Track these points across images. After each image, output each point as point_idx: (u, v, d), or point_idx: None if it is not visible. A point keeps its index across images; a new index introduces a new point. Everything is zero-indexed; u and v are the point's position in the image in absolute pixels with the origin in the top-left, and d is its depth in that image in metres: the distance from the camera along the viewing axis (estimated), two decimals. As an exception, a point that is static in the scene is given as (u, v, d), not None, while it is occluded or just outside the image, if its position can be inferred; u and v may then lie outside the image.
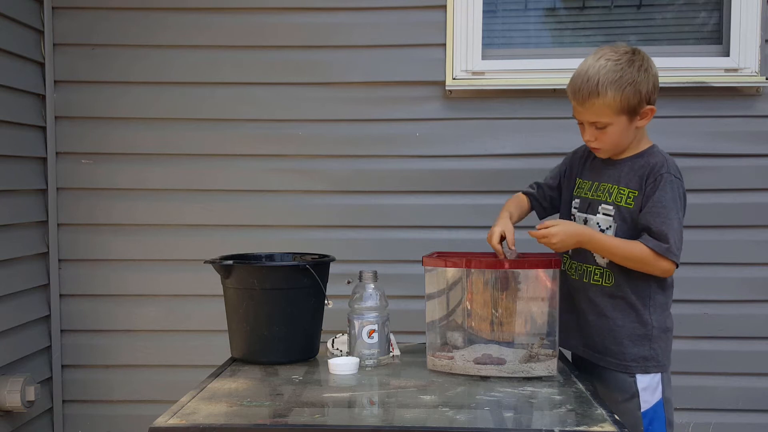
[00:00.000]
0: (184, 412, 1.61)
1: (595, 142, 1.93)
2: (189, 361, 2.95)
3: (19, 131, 2.77)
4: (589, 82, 1.84)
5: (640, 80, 1.85)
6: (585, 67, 1.87)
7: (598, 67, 1.84)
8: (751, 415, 2.87)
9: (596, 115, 1.87)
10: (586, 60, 1.90)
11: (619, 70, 1.84)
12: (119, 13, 2.93)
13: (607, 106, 1.85)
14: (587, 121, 1.91)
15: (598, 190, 1.99)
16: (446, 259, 1.97)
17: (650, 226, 1.86)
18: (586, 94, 1.85)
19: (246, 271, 2.05)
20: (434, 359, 1.97)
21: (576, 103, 1.90)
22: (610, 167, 1.98)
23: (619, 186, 1.94)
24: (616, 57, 1.85)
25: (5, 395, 2.60)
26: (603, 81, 1.83)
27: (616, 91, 1.83)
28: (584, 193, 2.03)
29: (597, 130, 1.90)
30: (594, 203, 1.98)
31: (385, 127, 2.92)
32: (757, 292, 2.86)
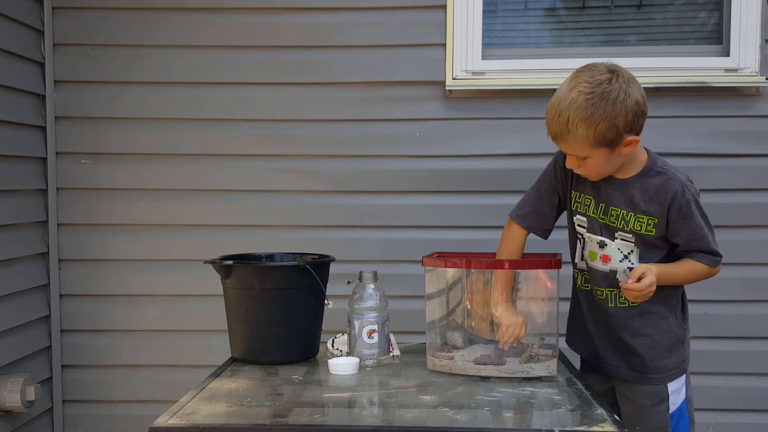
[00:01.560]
0: (184, 412, 1.61)
1: (579, 170, 1.86)
2: (189, 361, 2.95)
3: (19, 131, 2.77)
4: (560, 118, 1.74)
5: (615, 114, 1.72)
6: (557, 100, 1.76)
7: (569, 101, 1.73)
8: (751, 415, 2.87)
9: (572, 149, 1.80)
10: (561, 87, 1.79)
11: (590, 106, 1.72)
12: (119, 13, 2.93)
13: (582, 142, 1.76)
14: (567, 152, 1.84)
15: (610, 215, 1.90)
16: (446, 259, 1.97)
17: (699, 249, 1.88)
18: (558, 131, 1.76)
19: (246, 271, 2.05)
20: (434, 359, 1.97)
21: (553, 139, 1.81)
22: (611, 187, 1.89)
23: (635, 213, 1.86)
24: (589, 89, 1.72)
25: (5, 395, 2.60)
26: (573, 119, 1.72)
27: (588, 128, 1.73)
28: (591, 213, 1.93)
29: (578, 160, 1.83)
30: (609, 228, 1.90)
31: (385, 127, 2.92)
32: (757, 292, 2.86)
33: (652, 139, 2.87)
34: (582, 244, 1.98)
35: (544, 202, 2.01)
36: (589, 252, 1.94)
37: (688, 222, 1.85)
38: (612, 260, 1.91)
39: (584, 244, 1.96)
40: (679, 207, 1.84)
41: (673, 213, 1.84)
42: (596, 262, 1.92)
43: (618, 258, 1.90)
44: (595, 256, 1.93)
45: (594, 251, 1.93)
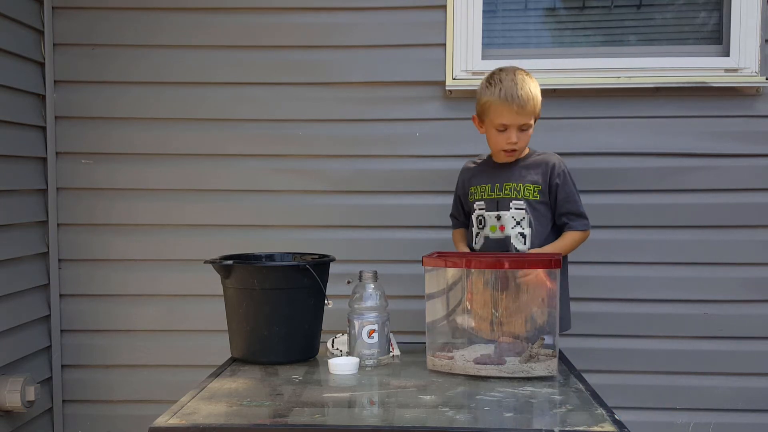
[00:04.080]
0: (184, 412, 1.61)
1: (518, 144, 2.33)
2: (189, 361, 2.95)
3: (19, 131, 2.77)
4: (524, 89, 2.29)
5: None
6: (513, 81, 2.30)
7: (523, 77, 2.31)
8: (751, 415, 2.87)
9: (527, 117, 2.31)
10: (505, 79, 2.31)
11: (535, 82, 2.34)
12: (119, 13, 2.93)
13: (533, 111, 2.31)
14: (517, 124, 2.30)
15: (502, 189, 2.38)
16: (446, 259, 1.97)
17: (571, 211, 2.38)
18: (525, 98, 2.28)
19: (246, 271, 2.05)
20: (434, 359, 1.97)
21: (518, 107, 2.28)
22: (504, 170, 2.40)
23: (524, 183, 2.37)
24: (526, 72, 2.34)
25: (5, 395, 2.60)
26: (532, 87, 2.31)
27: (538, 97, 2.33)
28: (487, 195, 2.41)
29: (521, 132, 2.32)
30: (503, 201, 2.38)
31: (385, 127, 2.92)
32: (757, 292, 2.86)
33: (652, 139, 2.88)
34: (482, 225, 2.41)
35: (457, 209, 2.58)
36: (490, 227, 2.40)
37: (564, 188, 2.37)
38: (506, 228, 2.37)
39: (484, 224, 2.41)
40: (557, 175, 2.37)
41: (554, 180, 2.36)
42: (496, 233, 2.39)
43: (511, 225, 2.36)
44: (495, 228, 2.40)
45: (493, 225, 2.40)
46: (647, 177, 2.87)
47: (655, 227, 2.88)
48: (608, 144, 2.88)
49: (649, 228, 2.88)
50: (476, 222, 2.43)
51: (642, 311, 2.87)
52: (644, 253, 2.87)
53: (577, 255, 2.78)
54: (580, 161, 2.87)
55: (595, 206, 2.87)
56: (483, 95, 2.33)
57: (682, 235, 2.87)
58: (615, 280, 2.88)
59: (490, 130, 2.35)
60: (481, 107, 2.34)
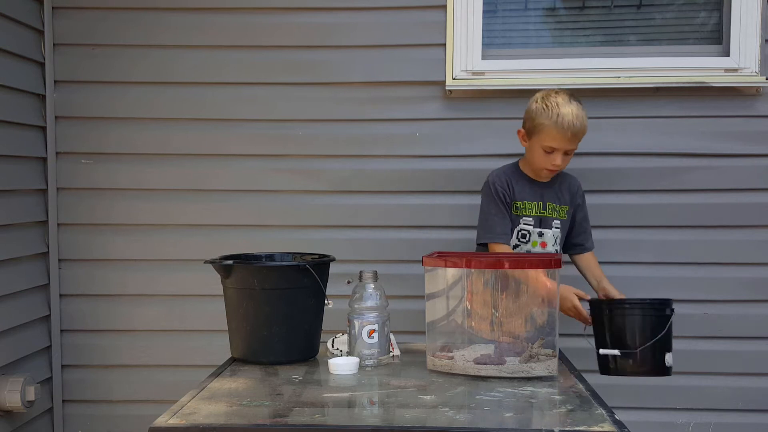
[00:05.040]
0: (184, 412, 1.61)
1: (562, 165, 2.44)
2: (189, 361, 2.95)
3: (19, 131, 2.77)
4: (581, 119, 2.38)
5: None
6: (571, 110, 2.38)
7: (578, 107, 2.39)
8: (751, 415, 2.87)
9: (576, 144, 2.42)
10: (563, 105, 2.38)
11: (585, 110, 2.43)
12: (119, 13, 2.93)
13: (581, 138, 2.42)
14: (567, 149, 2.40)
15: (546, 209, 2.52)
16: (446, 259, 1.97)
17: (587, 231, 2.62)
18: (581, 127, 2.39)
19: (246, 271, 2.05)
20: (434, 359, 1.97)
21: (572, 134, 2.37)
22: (546, 189, 2.52)
23: (560, 205, 2.54)
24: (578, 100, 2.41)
25: (5, 395, 2.60)
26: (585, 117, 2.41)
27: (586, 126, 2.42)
28: (535, 212, 2.51)
29: (565, 156, 2.42)
30: (545, 220, 2.52)
31: (385, 127, 2.92)
32: (757, 292, 2.86)
33: (652, 139, 2.88)
34: (526, 239, 2.52)
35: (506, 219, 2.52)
36: (532, 242, 2.53)
37: (584, 208, 2.60)
38: (547, 245, 2.53)
39: (528, 239, 2.52)
40: (580, 196, 2.59)
41: (577, 200, 2.57)
42: (537, 248, 2.53)
43: (551, 243, 2.53)
44: (536, 243, 2.53)
45: (535, 241, 2.53)
46: (647, 177, 2.87)
47: (655, 227, 2.88)
48: (608, 144, 2.88)
49: (649, 228, 2.88)
50: (518, 236, 2.51)
51: (642, 311, 2.87)
52: (644, 253, 2.87)
53: (577, 255, 2.78)
54: (580, 161, 2.87)
55: (595, 206, 2.87)
56: (538, 117, 2.39)
57: (682, 235, 2.87)
58: (615, 280, 2.87)
59: (536, 149, 2.43)
60: (534, 127, 2.41)
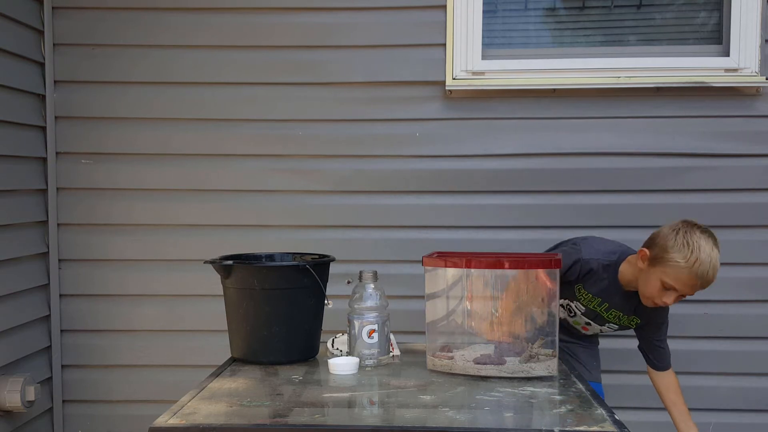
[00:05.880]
0: (184, 412, 1.61)
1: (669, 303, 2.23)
2: (189, 361, 2.95)
3: (19, 131, 2.77)
4: (714, 269, 2.15)
5: None
6: (709, 259, 2.14)
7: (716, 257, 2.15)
8: (751, 415, 2.87)
9: (695, 291, 2.19)
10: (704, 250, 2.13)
11: None
12: (119, 13, 2.93)
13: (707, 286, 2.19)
14: (685, 294, 2.19)
15: (609, 312, 2.35)
16: (446, 259, 1.97)
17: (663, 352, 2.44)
18: (711, 278, 2.16)
19: (246, 271, 2.05)
20: (434, 359, 1.97)
21: (701, 287, 2.17)
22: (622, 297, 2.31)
23: (629, 316, 2.36)
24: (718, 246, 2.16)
25: (5, 395, 2.60)
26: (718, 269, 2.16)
27: None
28: (591, 306, 2.35)
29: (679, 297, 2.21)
30: (601, 318, 2.38)
31: (385, 127, 2.92)
32: (757, 292, 2.86)
33: (652, 139, 2.88)
34: (572, 315, 2.42)
35: None
36: (574, 321, 2.44)
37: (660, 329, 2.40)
38: (589, 331, 2.46)
39: (574, 315, 2.42)
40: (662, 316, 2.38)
41: (659, 319, 2.38)
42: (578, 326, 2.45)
43: (596, 331, 2.45)
44: (579, 324, 2.44)
45: (579, 322, 2.43)
46: (647, 177, 2.87)
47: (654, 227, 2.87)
48: (608, 144, 2.88)
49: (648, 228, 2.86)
50: (566, 308, 2.41)
51: (642, 311, 2.87)
52: (644, 253, 2.87)
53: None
54: (580, 161, 2.87)
55: (595, 206, 2.87)
56: (673, 251, 2.13)
57: (682, 235, 2.87)
58: (615, 280, 2.88)
59: (654, 280, 2.18)
60: (664, 258, 2.15)
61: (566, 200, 2.90)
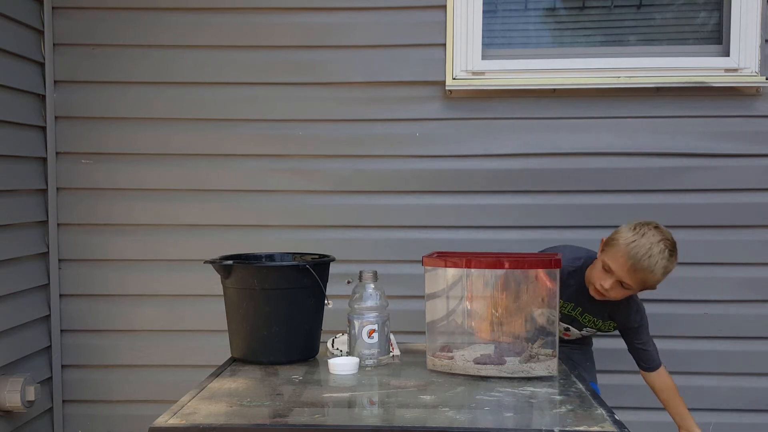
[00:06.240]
0: (184, 412, 1.61)
1: (610, 293, 2.24)
2: (189, 361, 2.95)
3: (19, 131, 2.77)
4: (651, 259, 2.16)
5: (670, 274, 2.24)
6: (649, 245, 2.17)
7: (658, 250, 2.17)
8: (751, 415, 2.87)
9: (633, 281, 2.19)
10: (647, 237, 2.18)
11: (670, 264, 2.20)
12: (119, 13, 2.93)
13: (645, 281, 2.20)
14: (623, 281, 2.20)
15: (584, 317, 2.38)
16: (446, 259, 1.97)
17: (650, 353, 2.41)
18: (647, 270, 2.16)
19: (246, 271, 2.05)
20: (434, 359, 1.97)
21: (634, 272, 2.17)
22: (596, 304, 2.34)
23: (605, 321, 2.38)
24: (670, 248, 2.19)
25: (5, 395, 2.60)
26: (659, 264, 2.17)
27: (660, 276, 2.20)
28: (567, 311, 2.38)
29: (619, 286, 2.22)
30: (578, 323, 2.41)
31: (385, 127, 2.92)
32: (757, 292, 2.86)
33: (652, 139, 2.88)
34: None
35: None
36: None
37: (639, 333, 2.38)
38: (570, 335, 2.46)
39: None
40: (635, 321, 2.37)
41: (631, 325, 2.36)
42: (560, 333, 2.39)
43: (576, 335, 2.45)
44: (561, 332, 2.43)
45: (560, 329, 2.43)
46: (647, 177, 2.87)
47: (655, 227, 2.88)
48: (608, 144, 2.88)
49: (649, 228, 2.88)
50: None
51: (642, 311, 2.87)
52: (644, 253, 2.87)
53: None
54: (580, 161, 2.87)
55: (595, 206, 2.87)
56: (620, 233, 2.22)
57: (681, 235, 2.85)
58: (615, 280, 2.88)
59: (598, 263, 2.25)
60: (610, 242, 2.23)
61: (566, 200, 2.90)
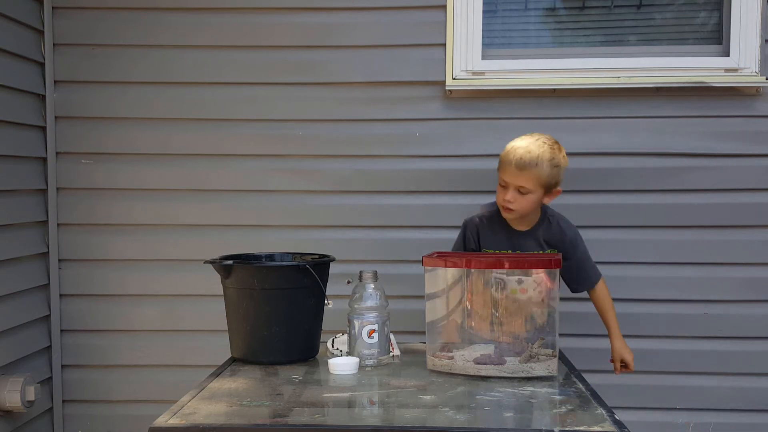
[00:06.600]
0: (184, 412, 1.61)
1: (513, 204, 2.30)
2: (189, 361, 2.95)
3: (19, 131, 2.77)
4: (533, 157, 2.27)
5: (562, 166, 2.34)
6: (526, 144, 2.31)
7: (538, 145, 2.29)
8: (751, 415, 2.87)
9: (526, 182, 2.27)
10: (524, 139, 2.33)
11: (555, 154, 2.31)
12: (119, 13, 2.93)
13: (537, 178, 2.27)
14: (516, 185, 2.28)
15: None
16: (446, 259, 1.97)
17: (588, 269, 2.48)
18: (528, 163, 2.26)
19: (246, 271, 2.05)
20: (434, 359, 1.97)
21: (516, 169, 2.27)
22: (523, 238, 2.41)
23: (543, 250, 2.40)
24: (550, 143, 2.31)
25: (5, 395, 2.60)
26: (544, 158, 2.27)
27: (548, 169, 2.28)
28: None
29: (519, 195, 2.29)
30: None
31: (385, 127, 2.92)
32: (757, 292, 2.86)
33: (652, 139, 2.88)
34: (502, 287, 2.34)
35: None
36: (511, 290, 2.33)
37: (575, 253, 2.42)
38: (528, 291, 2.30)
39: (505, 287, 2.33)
40: (570, 240, 2.41)
41: (565, 246, 2.39)
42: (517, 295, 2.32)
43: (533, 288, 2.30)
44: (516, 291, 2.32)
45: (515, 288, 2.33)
46: (647, 177, 2.87)
47: (654, 227, 2.88)
48: (608, 144, 2.88)
49: (648, 228, 2.88)
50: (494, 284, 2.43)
51: (642, 311, 2.87)
52: (644, 253, 2.87)
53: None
54: (580, 161, 2.87)
55: (594, 206, 2.87)
56: (504, 150, 2.36)
57: (682, 235, 2.87)
58: (615, 280, 2.87)
59: (498, 184, 2.36)
60: (499, 159, 2.37)
61: (566, 200, 2.88)
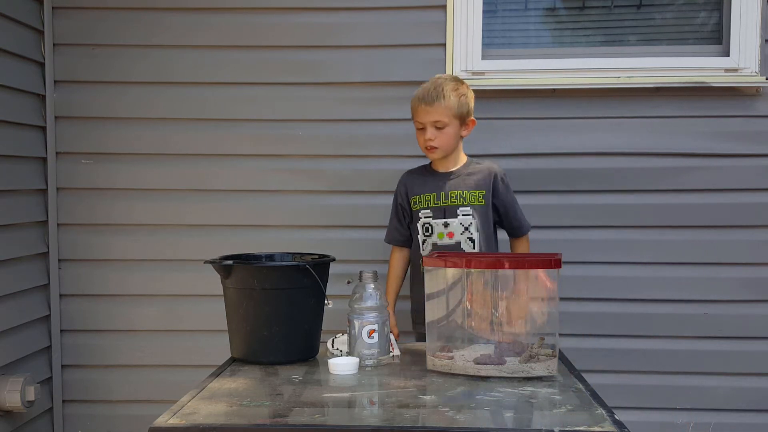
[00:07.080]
0: (184, 412, 1.61)
1: (434, 141, 2.40)
2: (189, 361, 2.95)
3: (19, 131, 2.77)
4: (437, 89, 2.39)
5: (469, 96, 2.45)
6: (428, 83, 2.43)
7: (442, 80, 2.42)
8: (751, 415, 2.87)
9: (439, 115, 2.38)
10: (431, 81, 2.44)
11: (457, 85, 2.43)
12: (119, 13, 2.93)
13: (448, 109, 2.38)
14: (430, 121, 2.39)
15: (449, 197, 2.46)
16: (446, 259, 1.97)
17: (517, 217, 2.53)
18: (435, 96, 2.38)
19: (246, 271, 2.05)
20: (434, 359, 1.97)
21: (426, 105, 2.39)
22: (448, 179, 2.48)
23: (469, 190, 2.46)
24: (450, 77, 2.46)
25: (5, 395, 2.60)
26: (447, 89, 2.39)
27: (455, 98, 2.39)
28: (433, 204, 2.48)
29: (437, 130, 2.40)
30: (450, 208, 2.46)
31: (385, 127, 2.92)
32: (757, 292, 2.86)
33: (652, 139, 2.88)
34: (429, 233, 2.49)
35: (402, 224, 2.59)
36: (437, 234, 2.47)
37: (508, 196, 2.49)
38: (455, 234, 2.46)
39: (432, 232, 2.48)
40: (500, 181, 2.48)
41: (498, 186, 2.47)
42: (444, 240, 2.47)
43: (459, 231, 2.45)
44: (443, 236, 2.47)
45: (441, 232, 2.47)
46: (647, 177, 2.87)
47: (654, 227, 2.88)
48: (608, 144, 2.88)
49: (648, 228, 2.88)
50: (422, 230, 2.50)
51: (642, 311, 2.87)
52: (644, 253, 2.87)
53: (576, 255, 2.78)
54: (580, 161, 2.87)
55: (594, 206, 2.87)
56: None
57: (681, 235, 2.87)
58: (615, 280, 2.88)
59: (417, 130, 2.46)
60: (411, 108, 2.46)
61: (566, 200, 2.90)
